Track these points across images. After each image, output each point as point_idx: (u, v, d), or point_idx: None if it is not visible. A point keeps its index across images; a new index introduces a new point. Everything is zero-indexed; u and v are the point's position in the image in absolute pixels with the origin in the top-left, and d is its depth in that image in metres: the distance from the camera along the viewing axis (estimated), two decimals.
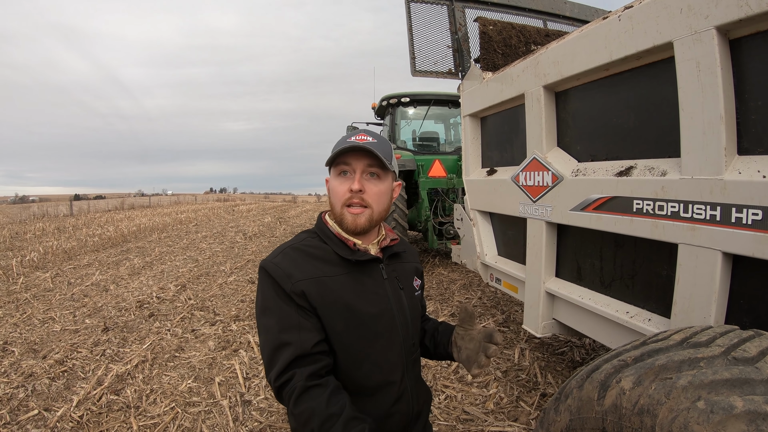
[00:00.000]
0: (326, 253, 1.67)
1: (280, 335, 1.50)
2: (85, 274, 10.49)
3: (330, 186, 1.71)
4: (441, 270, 9.61)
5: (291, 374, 1.45)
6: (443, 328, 1.96)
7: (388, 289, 1.74)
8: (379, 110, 11.78)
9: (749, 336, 1.46)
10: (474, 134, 4.57)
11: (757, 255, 1.74)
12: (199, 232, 19.17)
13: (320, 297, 1.56)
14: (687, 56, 1.99)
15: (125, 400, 4.36)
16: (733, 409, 1.16)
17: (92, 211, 35.42)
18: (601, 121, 2.78)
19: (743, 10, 1.71)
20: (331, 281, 1.61)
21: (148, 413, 4.15)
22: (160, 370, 5.06)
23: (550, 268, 3.35)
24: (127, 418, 4.04)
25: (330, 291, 1.59)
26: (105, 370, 5.03)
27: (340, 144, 1.65)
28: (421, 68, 4.72)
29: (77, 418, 4.03)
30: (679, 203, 2.09)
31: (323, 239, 1.72)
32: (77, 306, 7.76)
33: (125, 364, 5.18)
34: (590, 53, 2.64)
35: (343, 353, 1.61)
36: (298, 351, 1.48)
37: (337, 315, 1.59)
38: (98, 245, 15.29)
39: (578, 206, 2.83)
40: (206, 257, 12.43)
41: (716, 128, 1.88)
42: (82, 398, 4.38)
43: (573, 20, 5.29)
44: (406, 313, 1.77)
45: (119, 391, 4.56)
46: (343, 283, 1.63)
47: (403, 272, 1.86)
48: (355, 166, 1.65)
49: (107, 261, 12.22)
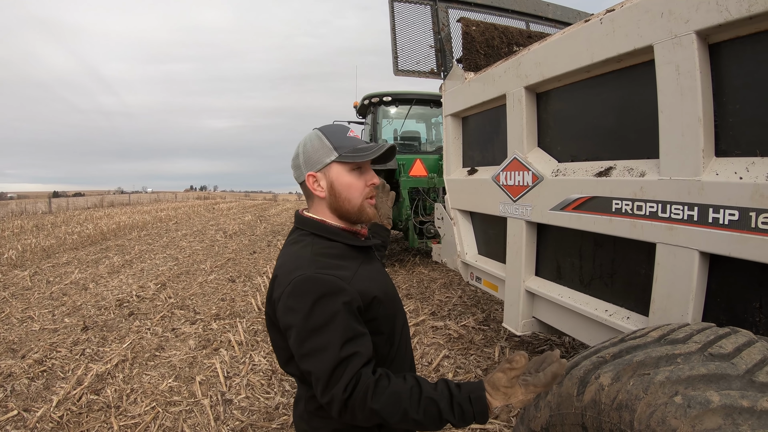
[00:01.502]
0: (340, 250, 1.63)
1: (344, 349, 1.38)
2: (64, 272, 10.31)
3: (343, 181, 1.64)
4: (421, 269, 9.62)
5: (356, 379, 1.36)
6: None
7: (386, 275, 1.80)
8: (361, 109, 11.76)
9: (725, 333, 1.50)
10: (455, 134, 4.60)
11: (734, 254, 1.78)
12: (179, 230, 18.96)
13: (369, 288, 1.55)
14: (667, 59, 2.03)
15: (105, 400, 4.30)
16: (709, 404, 1.19)
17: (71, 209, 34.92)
18: (581, 122, 2.82)
19: (723, 16, 1.75)
20: (363, 272, 1.59)
21: (129, 413, 4.10)
22: (140, 370, 5.00)
23: (529, 267, 3.38)
24: (108, 418, 3.99)
25: (371, 279, 1.59)
26: (85, 370, 4.95)
27: (345, 140, 1.65)
28: (403, 67, 4.73)
29: (57, 419, 3.97)
30: (657, 203, 2.12)
31: (329, 237, 1.65)
32: (56, 305, 7.63)
33: (105, 364, 5.10)
34: (572, 55, 2.68)
35: (386, 336, 1.62)
36: (365, 358, 1.40)
37: (386, 301, 1.61)
38: (77, 243, 15.05)
39: (558, 206, 2.86)
40: (186, 255, 12.30)
41: (694, 130, 1.92)
42: (62, 398, 4.32)
43: (555, 22, 5.35)
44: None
45: (99, 390, 4.49)
46: (369, 272, 1.63)
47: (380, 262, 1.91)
48: (367, 161, 1.67)
49: (86, 259, 12.02)
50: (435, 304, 7.08)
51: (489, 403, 1.33)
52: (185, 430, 3.83)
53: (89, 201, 43.57)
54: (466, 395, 1.33)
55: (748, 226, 1.71)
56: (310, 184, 1.67)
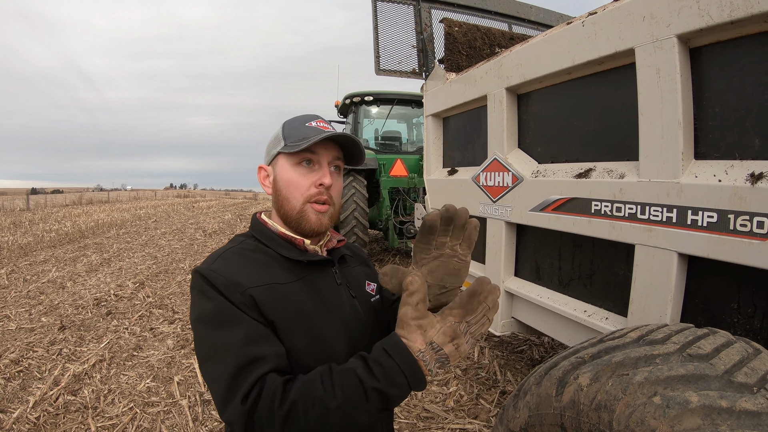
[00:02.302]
0: (270, 258, 1.41)
1: (247, 349, 1.19)
2: (41, 270, 10.19)
3: (284, 177, 1.44)
4: None
5: (260, 385, 1.14)
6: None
7: (344, 296, 1.49)
8: (342, 108, 11.75)
9: (704, 334, 1.51)
10: (436, 134, 4.59)
11: (712, 256, 1.79)
12: (158, 228, 18.85)
13: (274, 307, 1.29)
14: (648, 63, 2.04)
15: (83, 401, 4.24)
16: (688, 404, 1.19)
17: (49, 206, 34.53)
18: (562, 123, 2.83)
19: (704, 20, 1.77)
20: (285, 289, 1.35)
21: (106, 414, 4.04)
22: (118, 370, 4.94)
23: (509, 267, 3.39)
24: (85, 419, 3.94)
25: (286, 300, 1.33)
26: (62, 370, 4.88)
27: (301, 129, 1.45)
28: (385, 67, 4.72)
29: (34, 420, 3.90)
30: (636, 205, 2.14)
31: (263, 242, 1.45)
32: (33, 304, 7.52)
33: (82, 364, 5.04)
34: (553, 57, 2.68)
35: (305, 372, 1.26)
36: (273, 364, 1.20)
37: (297, 330, 1.31)
38: (55, 241, 14.91)
39: (537, 207, 2.87)
40: (165, 254, 12.21)
41: (674, 133, 1.93)
42: (39, 399, 4.25)
43: (538, 25, 5.38)
44: (364, 324, 1.50)
45: (76, 391, 4.43)
46: (299, 291, 1.37)
47: (353, 278, 1.59)
48: (323, 156, 1.44)
49: (64, 257, 11.89)
50: None
51: (409, 348, 1.11)
52: (163, 430, 3.79)
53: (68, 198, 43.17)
54: (379, 348, 1.15)
55: (726, 228, 1.72)
56: (260, 178, 1.54)
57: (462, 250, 1.24)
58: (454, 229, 1.21)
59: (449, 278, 1.25)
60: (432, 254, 1.23)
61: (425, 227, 1.19)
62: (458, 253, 1.24)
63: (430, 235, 1.21)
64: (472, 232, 1.23)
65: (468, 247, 1.25)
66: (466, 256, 1.26)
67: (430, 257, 1.24)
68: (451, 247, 1.23)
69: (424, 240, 1.22)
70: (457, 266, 1.25)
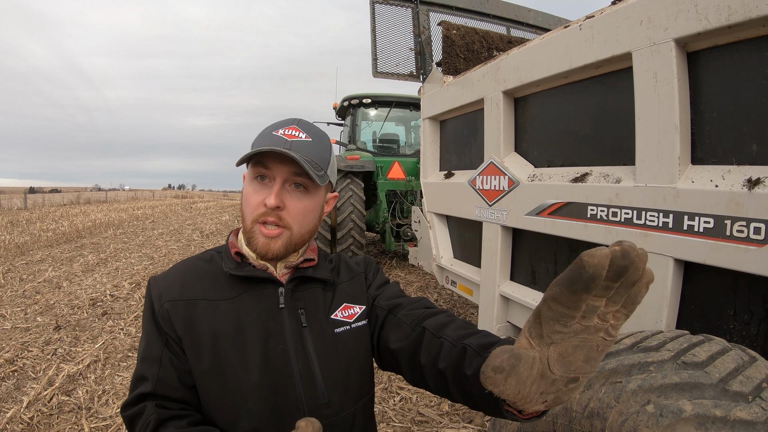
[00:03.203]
0: (219, 272, 1.33)
1: (142, 365, 1.22)
2: (37, 270, 10.16)
3: (244, 190, 1.32)
4: (398, 272, 9.63)
5: (141, 407, 1.16)
6: (475, 368, 1.04)
7: (285, 322, 1.30)
8: (341, 110, 11.73)
9: (699, 341, 1.49)
10: (433, 137, 4.59)
11: (708, 262, 1.78)
12: (156, 229, 18.83)
13: (186, 324, 1.23)
14: (645, 67, 2.03)
15: (77, 401, 4.22)
16: (682, 413, 1.17)
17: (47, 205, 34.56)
18: (558, 127, 2.82)
19: (702, 24, 1.75)
20: (210, 306, 1.26)
21: (100, 414, 4.02)
22: (112, 371, 4.92)
23: (504, 271, 3.37)
24: (79, 420, 3.91)
25: (202, 318, 1.24)
26: (56, 370, 4.86)
27: (263, 137, 1.28)
28: (382, 69, 4.72)
29: (27, 420, 3.87)
30: (632, 210, 2.12)
31: (223, 255, 1.38)
32: (29, 303, 7.49)
33: (77, 364, 5.01)
34: (550, 61, 2.67)
35: (212, 402, 1.23)
36: (150, 388, 1.18)
37: (203, 350, 1.22)
38: (52, 240, 14.89)
39: (533, 211, 2.85)
40: (162, 255, 12.19)
41: (671, 138, 1.92)
42: (33, 399, 4.22)
43: (536, 28, 5.38)
44: (310, 359, 1.28)
45: (71, 391, 4.41)
46: (224, 310, 1.26)
47: (317, 302, 1.37)
48: (276, 172, 1.24)
49: (61, 257, 11.87)
50: None
51: None
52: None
53: (66, 197, 43.18)
54: None
55: (723, 234, 1.71)
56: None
57: (616, 321, 0.75)
58: (621, 287, 0.70)
59: (586, 365, 0.78)
60: (573, 326, 0.74)
61: (581, 279, 0.67)
62: (609, 324, 0.75)
63: (584, 293, 0.69)
64: (642, 290, 0.72)
65: (626, 315, 0.75)
66: (617, 329, 0.76)
67: (569, 331, 0.75)
68: (603, 315, 0.74)
69: (571, 301, 0.70)
70: (601, 347, 0.77)
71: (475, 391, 1.02)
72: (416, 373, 1.25)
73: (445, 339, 1.18)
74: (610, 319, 0.74)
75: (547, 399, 0.80)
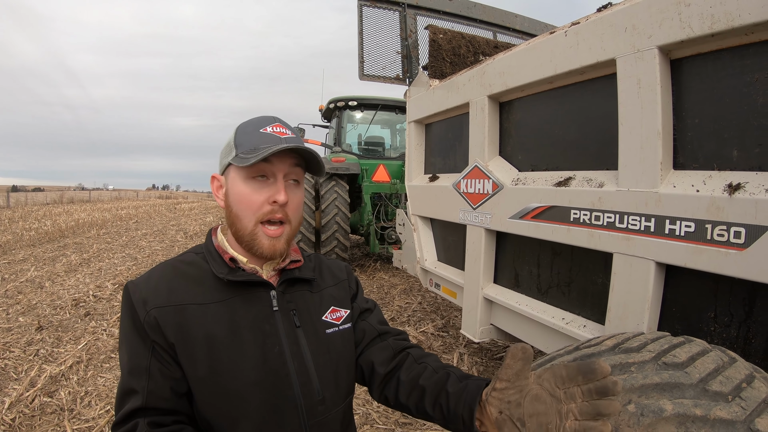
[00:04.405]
0: (204, 275, 1.31)
1: (129, 378, 1.18)
2: (19, 269, 10.01)
3: (236, 191, 1.30)
4: (382, 274, 9.62)
5: (133, 425, 1.13)
6: (458, 387, 1.23)
7: (280, 324, 1.31)
8: (326, 112, 11.70)
9: (679, 342, 1.52)
10: (418, 140, 4.60)
11: (690, 265, 1.81)
12: (139, 229, 18.65)
13: (178, 330, 1.20)
14: (629, 73, 2.06)
15: (59, 403, 4.15)
16: (662, 412, 1.19)
17: (30, 204, 34.16)
18: (542, 132, 2.85)
19: (685, 32, 1.79)
20: (199, 310, 1.24)
21: (83, 416, 3.96)
22: (95, 372, 4.84)
23: (488, 274, 3.39)
24: (61, 422, 3.85)
25: (193, 323, 1.22)
26: (38, 371, 4.78)
27: (260, 138, 1.28)
28: (369, 72, 4.73)
29: (9, 422, 3.80)
30: (615, 214, 2.15)
31: (206, 257, 1.35)
32: (11, 303, 7.37)
33: (59, 365, 4.93)
34: (535, 66, 2.70)
35: (209, 408, 1.22)
36: (141, 402, 1.15)
37: (198, 357, 1.20)
38: (35, 240, 14.70)
39: (517, 214, 2.87)
40: (145, 255, 12.06)
41: (653, 143, 1.95)
42: (15, 400, 4.14)
43: (523, 34, 5.43)
44: (305, 358, 1.31)
45: (53, 393, 4.34)
46: (215, 314, 1.25)
47: (306, 303, 1.40)
48: (278, 168, 1.27)
49: (43, 257, 11.70)
50: (395, 310, 7.08)
51: None
52: None
53: (49, 196, 42.72)
54: None
55: (704, 238, 1.74)
56: (213, 190, 1.39)
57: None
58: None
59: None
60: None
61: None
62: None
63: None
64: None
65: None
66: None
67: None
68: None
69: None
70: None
71: (452, 407, 1.20)
72: (389, 387, 1.39)
73: (428, 364, 1.37)
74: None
75: None
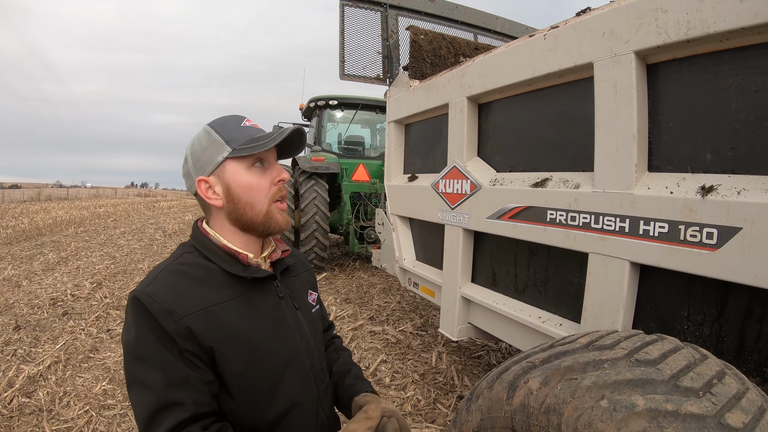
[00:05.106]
0: (211, 274, 1.35)
1: (167, 392, 1.18)
2: None
3: (242, 182, 1.37)
4: (361, 274, 9.63)
5: None
6: (347, 382, 1.69)
7: (286, 311, 1.46)
8: (307, 111, 11.67)
9: (652, 340, 1.55)
10: (398, 140, 4.61)
11: (663, 265, 1.84)
12: (118, 227, 18.45)
13: (212, 333, 1.25)
14: (606, 77, 2.09)
15: (37, 403, 4.10)
16: (634, 408, 1.22)
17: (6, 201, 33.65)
18: (520, 133, 2.88)
19: (662, 38, 1.82)
20: (223, 310, 1.29)
21: (62, 417, 3.92)
22: (73, 372, 4.79)
23: (466, 273, 3.42)
24: (40, 422, 3.81)
25: (223, 323, 1.28)
26: (16, 372, 4.72)
27: (248, 131, 1.40)
28: (350, 72, 4.74)
29: None
30: (590, 215, 2.18)
31: (206, 255, 1.38)
32: None
33: (37, 365, 4.88)
34: (514, 68, 2.72)
35: (246, 396, 1.31)
36: (190, 413, 1.18)
37: (235, 353, 1.28)
38: (11, 238, 14.52)
39: (495, 214, 2.90)
40: (124, 254, 11.94)
41: (629, 146, 1.98)
42: None
43: (503, 36, 5.47)
44: (308, 336, 1.50)
45: (31, 393, 4.29)
46: (238, 311, 1.32)
47: (296, 288, 1.57)
48: (270, 152, 1.42)
49: (20, 255, 11.56)
50: (374, 309, 7.10)
51: None
52: None
53: (26, 194, 42.18)
54: None
55: (677, 239, 1.78)
56: (202, 192, 1.39)
57: None
58: None
59: None
60: None
61: None
62: None
63: None
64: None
65: None
66: None
67: None
68: None
69: None
70: None
71: (341, 392, 1.68)
72: None
73: (341, 357, 1.82)
74: None
75: None
